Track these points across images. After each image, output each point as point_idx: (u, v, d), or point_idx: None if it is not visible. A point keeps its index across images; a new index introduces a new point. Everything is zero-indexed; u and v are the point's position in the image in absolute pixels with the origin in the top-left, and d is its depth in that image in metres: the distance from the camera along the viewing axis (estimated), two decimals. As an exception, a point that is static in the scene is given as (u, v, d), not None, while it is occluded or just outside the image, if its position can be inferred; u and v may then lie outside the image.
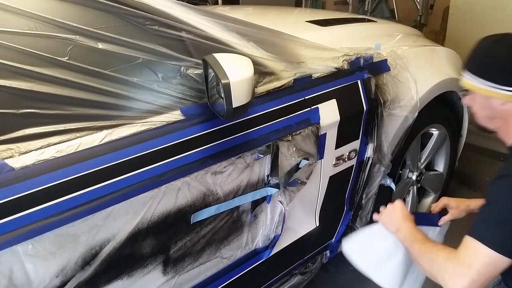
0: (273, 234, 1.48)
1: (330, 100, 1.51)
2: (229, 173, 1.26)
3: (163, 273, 1.19)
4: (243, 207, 1.35)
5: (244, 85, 1.11)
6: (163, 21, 1.22)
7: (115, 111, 1.07)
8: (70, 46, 1.06)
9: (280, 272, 1.64)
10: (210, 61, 1.11)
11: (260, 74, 1.36)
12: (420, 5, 4.39)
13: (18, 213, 0.86)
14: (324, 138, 1.51)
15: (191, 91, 1.21)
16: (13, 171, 0.88)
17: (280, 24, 1.80)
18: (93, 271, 1.02)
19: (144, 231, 1.09)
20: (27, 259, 0.90)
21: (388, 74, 1.75)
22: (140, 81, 1.13)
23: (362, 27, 2.29)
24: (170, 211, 1.14)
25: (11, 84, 0.95)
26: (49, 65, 1.01)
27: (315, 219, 1.66)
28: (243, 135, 1.26)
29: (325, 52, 1.62)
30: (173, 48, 1.20)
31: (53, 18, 1.07)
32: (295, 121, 1.39)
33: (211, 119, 1.19)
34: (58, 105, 1.00)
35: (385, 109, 1.71)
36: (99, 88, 1.06)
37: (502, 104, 1.13)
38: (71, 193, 0.93)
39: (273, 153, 1.35)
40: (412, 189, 2.16)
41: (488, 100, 1.14)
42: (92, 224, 0.99)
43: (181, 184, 1.14)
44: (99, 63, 1.09)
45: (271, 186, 1.39)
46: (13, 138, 0.92)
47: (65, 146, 0.96)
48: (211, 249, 1.30)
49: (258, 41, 1.43)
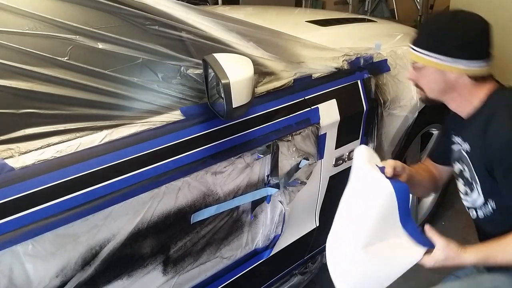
0: (273, 234, 1.48)
1: (330, 100, 1.51)
2: (229, 173, 1.26)
3: (163, 273, 1.19)
4: (243, 207, 1.35)
5: (244, 85, 1.11)
6: (163, 21, 1.22)
7: (115, 111, 1.07)
8: (70, 46, 1.06)
9: (280, 272, 1.64)
10: (210, 61, 1.11)
11: (260, 74, 1.36)
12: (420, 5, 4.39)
13: (18, 213, 0.86)
14: (324, 138, 1.51)
15: (191, 91, 1.21)
16: (13, 171, 0.88)
17: (280, 24, 1.80)
18: (93, 271, 1.02)
19: (144, 231, 1.09)
20: (27, 259, 0.90)
21: (388, 74, 1.75)
22: (140, 81, 1.13)
23: (362, 27, 2.29)
24: (170, 211, 1.14)
25: (11, 84, 0.95)
26: (49, 65, 1.01)
27: (315, 219, 1.66)
28: (243, 135, 1.26)
29: (325, 52, 1.62)
30: (173, 48, 1.20)
31: (53, 18, 1.07)
32: (295, 121, 1.39)
33: (211, 119, 1.19)
34: (58, 105, 1.00)
35: (385, 109, 1.71)
36: (99, 88, 1.06)
37: (457, 78, 1.16)
38: (71, 193, 0.93)
39: (273, 153, 1.35)
40: (412, 189, 2.15)
41: (442, 74, 1.17)
42: (92, 224, 0.99)
43: (181, 184, 1.14)
44: (99, 63, 1.09)
45: (271, 186, 1.39)
46: (13, 138, 0.92)
47: (65, 146, 0.96)
48: (211, 249, 1.30)
49: (258, 41, 1.43)
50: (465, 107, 1.22)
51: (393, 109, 1.74)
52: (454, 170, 1.35)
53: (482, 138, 1.16)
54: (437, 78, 1.19)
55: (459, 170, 1.32)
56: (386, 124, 1.74)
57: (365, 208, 1.12)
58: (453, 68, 1.15)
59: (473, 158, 1.22)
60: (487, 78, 1.19)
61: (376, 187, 1.12)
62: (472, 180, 1.25)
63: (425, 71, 1.20)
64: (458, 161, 1.31)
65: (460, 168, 1.30)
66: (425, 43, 1.18)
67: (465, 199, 1.33)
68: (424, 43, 1.18)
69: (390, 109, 1.73)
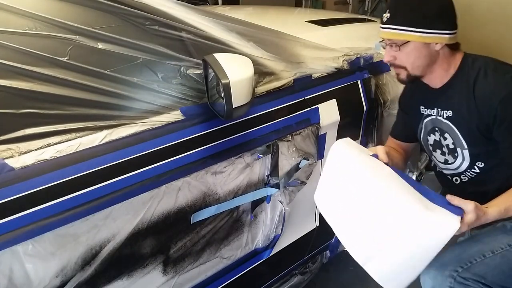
0: (273, 234, 1.48)
1: (330, 100, 1.51)
2: (229, 173, 1.26)
3: (163, 273, 1.19)
4: (243, 207, 1.35)
5: (244, 85, 1.11)
6: (163, 21, 1.22)
7: (115, 111, 1.07)
8: (70, 46, 1.06)
9: (280, 272, 1.64)
10: (210, 61, 1.11)
11: (260, 74, 1.36)
12: (420, 5, 4.38)
13: (18, 213, 0.86)
14: (324, 138, 1.51)
15: (191, 91, 1.21)
16: (13, 171, 0.88)
17: (280, 24, 1.80)
18: (93, 271, 1.02)
19: (144, 231, 1.09)
20: (27, 259, 0.90)
21: (388, 74, 1.75)
22: (140, 81, 1.13)
23: (362, 27, 2.29)
24: (170, 211, 1.14)
25: (11, 84, 0.95)
26: (49, 65, 1.01)
27: (315, 219, 1.66)
28: (243, 135, 1.26)
29: (325, 52, 1.62)
30: (173, 48, 1.20)
31: (53, 18, 1.07)
32: (295, 121, 1.39)
33: (211, 119, 1.19)
34: (58, 105, 1.00)
35: (385, 109, 1.71)
36: (99, 88, 1.06)
37: (440, 49, 1.22)
38: (71, 193, 0.93)
39: (273, 153, 1.35)
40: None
41: (427, 47, 1.21)
42: (92, 224, 0.99)
43: (181, 184, 1.14)
44: (99, 63, 1.09)
45: (271, 186, 1.39)
46: (13, 138, 0.92)
47: (65, 146, 0.96)
48: (211, 249, 1.30)
49: (258, 41, 1.43)
50: (442, 77, 1.27)
51: (393, 109, 1.74)
52: (428, 142, 1.39)
53: (469, 100, 1.20)
54: (422, 52, 1.21)
55: (434, 141, 1.36)
56: (386, 124, 1.74)
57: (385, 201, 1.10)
58: (438, 39, 1.19)
59: (459, 123, 1.26)
60: (458, 45, 1.26)
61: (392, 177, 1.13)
62: (457, 146, 1.29)
63: (408, 48, 1.21)
64: (433, 133, 1.35)
65: (437, 138, 1.34)
66: (407, 19, 1.19)
67: (446, 168, 1.37)
68: (405, 19, 1.19)
69: (390, 109, 1.73)
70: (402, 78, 1.29)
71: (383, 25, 1.24)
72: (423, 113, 1.37)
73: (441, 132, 1.33)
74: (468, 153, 1.28)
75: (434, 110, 1.32)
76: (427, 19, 1.18)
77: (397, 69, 1.28)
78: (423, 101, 1.36)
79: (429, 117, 1.35)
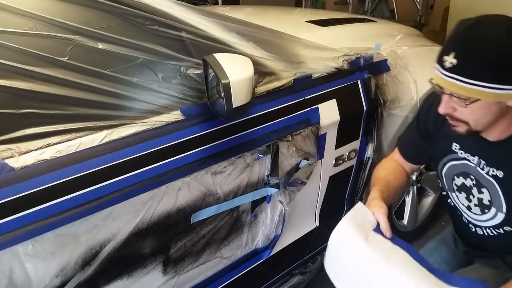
0: (273, 234, 1.48)
1: (330, 100, 1.51)
2: (229, 173, 1.26)
3: (163, 273, 1.19)
4: (243, 207, 1.35)
5: (244, 85, 1.11)
6: (163, 21, 1.22)
7: (115, 111, 1.07)
8: (70, 46, 1.06)
9: (280, 272, 1.64)
10: (210, 61, 1.11)
11: (260, 74, 1.36)
12: (420, 5, 4.40)
13: (18, 213, 0.86)
14: (324, 138, 1.51)
15: (191, 91, 1.21)
16: (13, 171, 0.88)
17: (280, 24, 1.80)
18: (93, 271, 1.02)
19: (144, 231, 1.09)
20: (27, 259, 0.90)
21: (388, 74, 1.75)
22: (140, 81, 1.13)
23: (362, 27, 2.29)
24: (170, 211, 1.14)
25: (11, 84, 0.95)
26: (49, 65, 1.01)
27: (315, 219, 1.66)
28: (243, 135, 1.26)
29: (325, 52, 1.62)
30: (173, 48, 1.20)
31: (53, 18, 1.07)
32: (295, 121, 1.39)
33: (211, 119, 1.19)
34: (58, 105, 1.00)
35: (385, 109, 1.71)
36: (99, 88, 1.06)
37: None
38: (71, 193, 0.93)
39: (273, 153, 1.35)
40: (412, 189, 2.15)
41: (499, 105, 0.98)
42: (92, 224, 0.99)
43: (181, 184, 1.14)
44: (99, 63, 1.09)
45: (271, 186, 1.39)
46: (13, 138, 0.92)
47: (65, 146, 0.96)
48: (211, 249, 1.30)
49: (258, 41, 1.43)
50: (503, 132, 1.06)
51: (393, 109, 1.74)
52: (453, 182, 1.21)
53: None
54: (492, 110, 0.99)
55: (463, 184, 1.18)
56: (386, 124, 1.74)
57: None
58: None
59: (509, 188, 1.08)
60: None
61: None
62: (493, 205, 1.12)
63: (476, 104, 0.97)
64: (464, 178, 1.17)
65: (467, 185, 1.17)
66: (481, 72, 0.93)
67: (465, 212, 1.21)
68: (480, 72, 0.93)
69: (390, 109, 1.73)
70: (460, 131, 1.05)
71: (445, 72, 0.97)
72: (456, 152, 1.15)
73: (477, 184, 1.13)
74: (504, 216, 1.11)
75: (475, 158, 1.11)
76: (507, 72, 0.93)
77: (456, 122, 1.04)
78: (460, 140, 1.14)
79: (464, 161, 1.14)
